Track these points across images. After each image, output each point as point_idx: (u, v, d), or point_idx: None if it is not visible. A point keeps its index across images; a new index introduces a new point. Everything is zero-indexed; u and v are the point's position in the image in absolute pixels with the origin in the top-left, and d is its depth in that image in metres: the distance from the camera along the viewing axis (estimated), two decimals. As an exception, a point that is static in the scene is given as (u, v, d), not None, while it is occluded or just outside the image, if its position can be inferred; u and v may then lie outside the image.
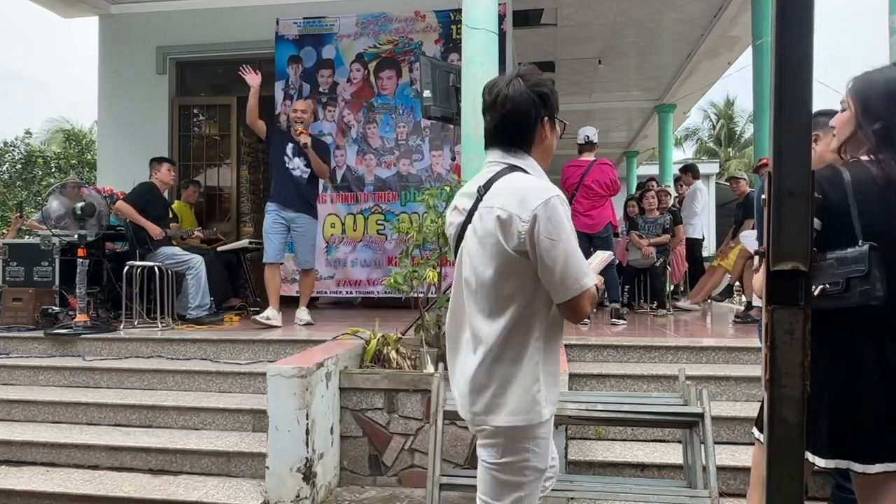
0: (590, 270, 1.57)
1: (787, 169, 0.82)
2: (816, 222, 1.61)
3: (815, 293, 1.57)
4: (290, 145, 5.09)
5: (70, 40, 58.67)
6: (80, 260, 4.73)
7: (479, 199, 1.60)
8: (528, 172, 1.61)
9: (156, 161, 5.74)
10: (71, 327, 4.67)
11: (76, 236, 4.80)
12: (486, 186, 1.59)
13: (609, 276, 5.38)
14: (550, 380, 1.60)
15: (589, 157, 5.64)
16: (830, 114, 2.51)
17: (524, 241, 1.50)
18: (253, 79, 4.99)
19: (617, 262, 6.59)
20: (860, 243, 1.58)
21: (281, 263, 5.24)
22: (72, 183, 7.13)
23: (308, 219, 5.16)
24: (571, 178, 5.61)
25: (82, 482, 3.30)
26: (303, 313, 5.18)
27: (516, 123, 1.60)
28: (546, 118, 1.62)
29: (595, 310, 5.70)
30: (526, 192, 1.52)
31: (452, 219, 1.71)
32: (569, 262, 1.50)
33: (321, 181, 6.49)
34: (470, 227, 1.62)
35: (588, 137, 5.69)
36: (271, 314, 4.98)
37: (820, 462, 1.67)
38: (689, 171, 8.28)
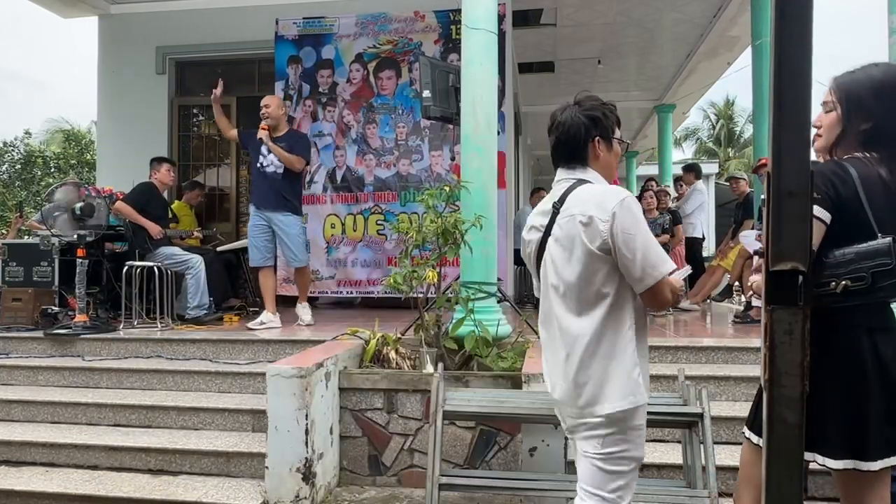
0: (667, 259, 1.71)
1: (786, 169, 0.82)
2: (825, 215, 1.58)
3: (838, 290, 1.54)
4: (263, 143, 5.00)
5: (70, 40, 58.69)
6: (80, 260, 4.73)
7: (555, 213, 1.79)
8: (594, 184, 1.80)
9: (156, 161, 5.74)
10: (70, 327, 4.67)
11: (75, 236, 4.80)
12: (561, 201, 1.78)
13: None
14: (644, 365, 1.77)
15: None
16: None
17: (606, 238, 1.67)
18: (215, 91, 5.04)
19: None
20: (880, 237, 1.56)
21: (270, 266, 5.12)
22: (71, 183, 7.15)
23: (289, 216, 4.97)
24: None
25: (82, 482, 3.30)
26: (302, 311, 5.11)
27: (568, 144, 1.82)
28: (598, 138, 1.81)
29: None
30: (602, 195, 1.72)
31: (531, 237, 1.89)
32: (647, 253, 1.65)
33: (322, 179, 6.54)
34: (550, 238, 1.80)
35: None
36: (265, 318, 4.92)
37: (832, 464, 1.64)
38: (692, 170, 8.30)
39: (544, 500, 3.04)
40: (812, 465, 1.71)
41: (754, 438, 1.82)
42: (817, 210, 1.58)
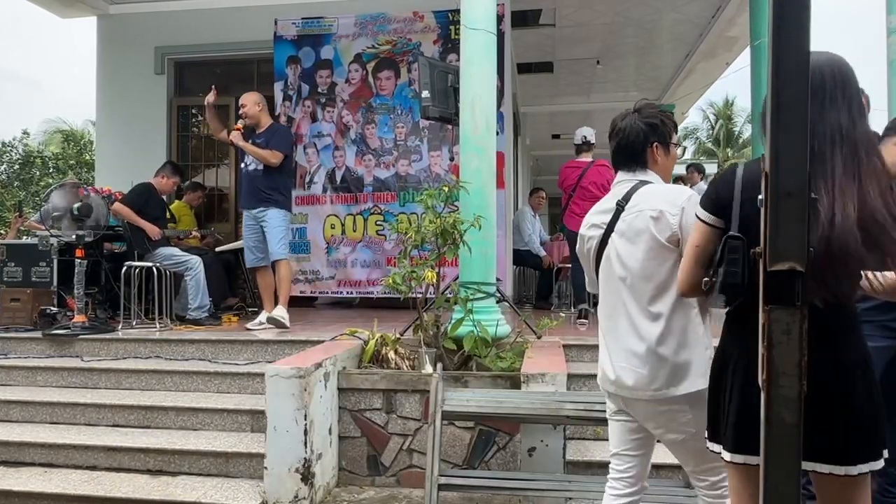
0: None
1: (783, 169, 0.82)
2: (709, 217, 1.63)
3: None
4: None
5: (69, 40, 58.64)
6: (78, 260, 4.73)
7: (620, 210, 1.92)
8: (656, 184, 1.95)
9: (169, 170, 5.74)
10: (69, 328, 4.67)
11: (74, 237, 4.79)
12: (626, 198, 1.92)
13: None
14: (711, 344, 1.85)
15: (587, 157, 5.62)
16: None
17: (676, 231, 1.81)
18: (208, 98, 5.05)
19: None
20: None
21: (266, 265, 5.03)
22: (70, 183, 7.14)
23: (273, 210, 4.85)
24: (569, 178, 5.59)
25: (80, 483, 3.29)
26: (278, 310, 4.80)
27: (628, 149, 1.98)
28: (657, 144, 1.97)
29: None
30: (671, 193, 1.88)
31: (591, 233, 2.02)
32: None
33: (322, 180, 6.53)
34: (614, 234, 1.93)
35: (585, 138, 5.67)
36: (264, 318, 4.88)
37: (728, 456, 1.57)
38: (699, 170, 8.42)
39: (543, 500, 3.04)
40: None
41: (727, 455, 1.55)
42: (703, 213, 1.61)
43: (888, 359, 2.50)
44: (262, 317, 4.92)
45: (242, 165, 5.00)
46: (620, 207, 1.93)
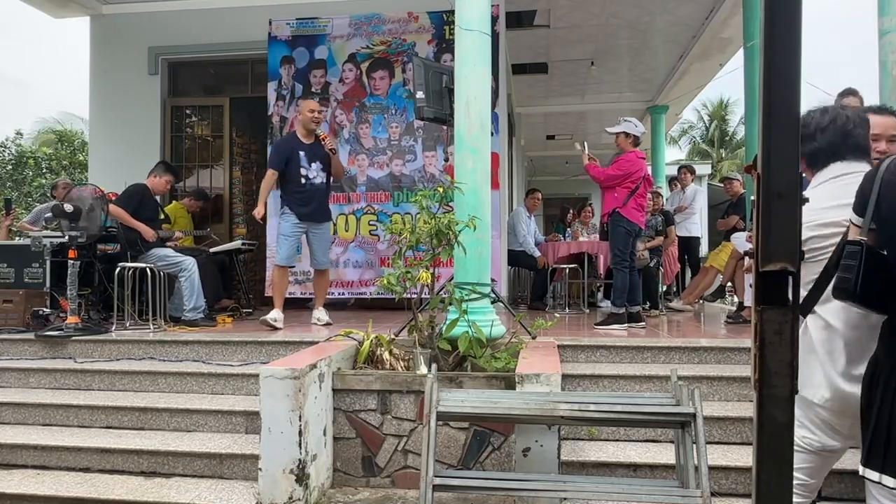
0: None
1: (775, 170, 0.82)
2: None
3: None
4: (302, 153, 5.04)
5: (63, 40, 58.31)
6: (71, 261, 4.70)
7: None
8: None
9: (162, 169, 5.72)
10: (62, 329, 4.64)
11: (67, 237, 4.77)
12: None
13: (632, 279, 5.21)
14: None
15: (640, 150, 5.37)
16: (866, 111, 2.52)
17: None
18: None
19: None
20: None
21: (292, 267, 5.29)
22: (62, 184, 7.11)
23: (328, 224, 5.29)
24: (642, 169, 5.20)
25: (73, 485, 3.28)
26: (322, 313, 5.23)
27: (860, 138, 1.91)
28: None
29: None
30: None
31: (832, 231, 1.76)
32: None
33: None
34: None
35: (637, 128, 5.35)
36: (278, 316, 4.94)
37: (891, 483, 1.46)
38: (692, 171, 8.48)
39: (538, 501, 3.04)
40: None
41: (890, 482, 1.42)
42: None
43: None
44: (275, 313, 4.99)
45: (303, 174, 5.03)
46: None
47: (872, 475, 1.40)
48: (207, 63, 7.81)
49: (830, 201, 1.80)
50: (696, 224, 8.07)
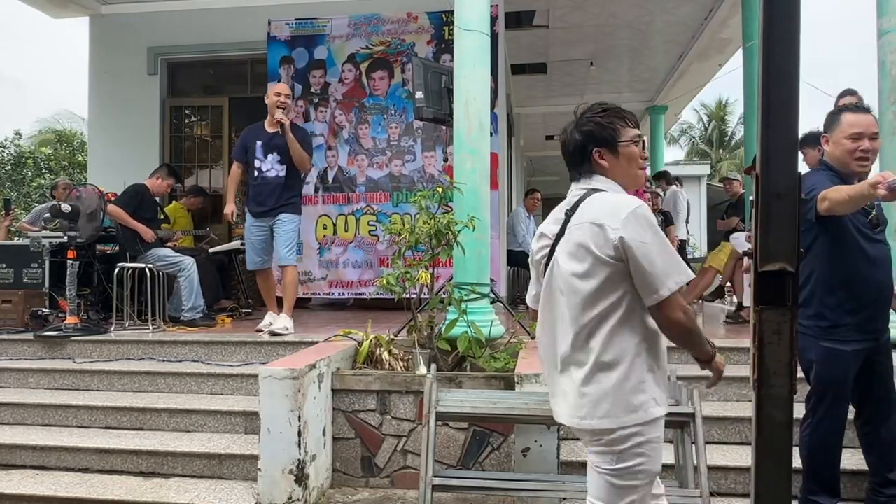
0: (685, 270, 1.65)
1: (774, 171, 0.82)
2: None
3: None
4: (259, 143, 4.65)
5: (63, 40, 58.25)
6: (71, 262, 4.70)
7: (567, 221, 1.77)
8: (608, 192, 1.77)
9: (165, 173, 5.71)
10: (61, 329, 4.64)
11: (66, 238, 4.77)
12: (573, 208, 1.77)
13: None
14: (655, 378, 1.70)
15: None
16: (842, 110, 2.55)
17: (617, 245, 1.64)
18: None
19: None
20: None
21: (267, 269, 4.87)
22: (62, 184, 7.10)
23: (287, 216, 4.66)
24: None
25: (72, 485, 3.28)
26: (281, 321, 4.58)
27: (571, 161, 1.86)
28: (597, 150, 1.80)
29: None
30: (615, 204, 1.70)
31: (540, 244, 1.87)
32: (661, 263, 1.62)
33: (313, 180, 6.50)
34: (559, 246, 1.77)
35: None
36: (272, 319, 4.69)
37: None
38: (663, 177, 8.51)
39: (537, 501, 3.04)
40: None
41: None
42: None
43: (863, 359, 2.54)
44: (269, 317, 4.74)
45: (258, 167, 4.66)
46: (568, 218, 1.77)
47: None
48: (207, 63, 7.80)
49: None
50: (680, 226, 8.03)
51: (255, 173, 4.69)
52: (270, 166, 4.68)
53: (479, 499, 3.16)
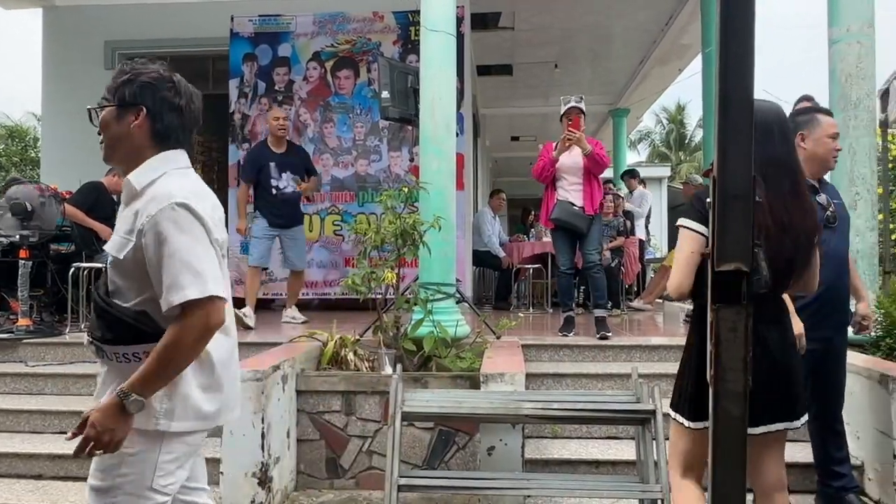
0: (210, 283, 1.46)
1: (730, 173, 0.85)
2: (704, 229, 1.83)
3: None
4: (272, 164, 5.08)
5: (14, 34, 56.15)
6: (23, 261, 4.54)
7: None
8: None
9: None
10: (12, 332, 4.49)
11: (17, 237, 4.61)
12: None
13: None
14: (190, 393, 1.57)
15: None
16: (810, 110, 2.64)
17: (137, 243, 1.50)
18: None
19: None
20: None
21: (266, 268, 5.36)
22: (11, 179, 6.85)
23: (300, 227, 5.33)
24: None
25: (25, 493, 3.17)
26: (295, 312, 5.28)
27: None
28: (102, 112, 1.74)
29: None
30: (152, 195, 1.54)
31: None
32: (178, 267, 1.45)
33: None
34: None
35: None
36: (249, 312, 4.96)
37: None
38: (636, 176, 8.61)
39: (502, 499, 3.06)
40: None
41: (684, 421, 1.96)
42: (697, 225, 1.84)
43: (817, 358, 2.61)
44: (247, 310, 4.97)
45: (274, 184, 5.07)
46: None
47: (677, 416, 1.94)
48: (166, 59, 7.62)
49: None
50: (638, 226, 8.12)
51: (273, 191, 5.11)
52: (287, 183, 5.13)
53: (445, 498, 3.17)
